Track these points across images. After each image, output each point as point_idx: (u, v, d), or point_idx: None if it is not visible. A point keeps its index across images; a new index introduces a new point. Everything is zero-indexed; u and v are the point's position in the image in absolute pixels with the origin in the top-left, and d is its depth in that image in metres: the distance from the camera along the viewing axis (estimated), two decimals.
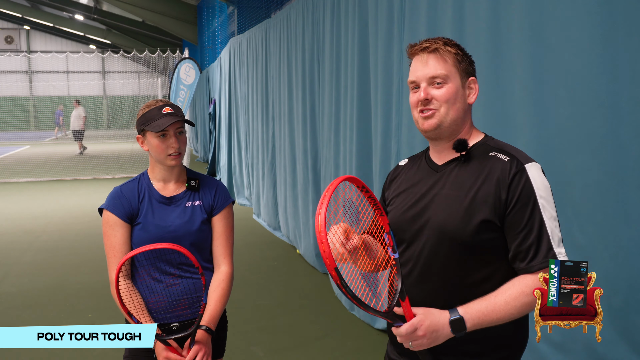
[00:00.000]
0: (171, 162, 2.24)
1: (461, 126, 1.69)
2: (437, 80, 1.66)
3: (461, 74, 1.67)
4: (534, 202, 1.55)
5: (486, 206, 1.58)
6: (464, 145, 1.65)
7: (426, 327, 1.52)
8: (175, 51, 16.48)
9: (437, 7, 3.33)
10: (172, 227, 2.24)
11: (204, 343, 2.15)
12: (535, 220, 1.54)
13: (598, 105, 2.24)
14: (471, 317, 1.53)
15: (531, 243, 1.54)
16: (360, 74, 4.55)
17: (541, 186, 1.57)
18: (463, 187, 1.62)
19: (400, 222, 1.74)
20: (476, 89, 1.69)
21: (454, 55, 1.66)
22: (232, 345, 3.01)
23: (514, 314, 1.54)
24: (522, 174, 1.57)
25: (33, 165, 16.31)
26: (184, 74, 10.99)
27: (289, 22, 6.77)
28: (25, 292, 5.60)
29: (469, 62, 1.69)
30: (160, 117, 2.20)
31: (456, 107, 1.67)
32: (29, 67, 38.28)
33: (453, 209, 1.62)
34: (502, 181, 1.57)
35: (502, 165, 1.59)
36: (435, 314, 1.55)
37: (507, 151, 1.63)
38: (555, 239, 1.55)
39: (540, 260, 1.53)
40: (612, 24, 2.17)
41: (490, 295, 1.56)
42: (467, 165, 1.65)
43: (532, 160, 1.61)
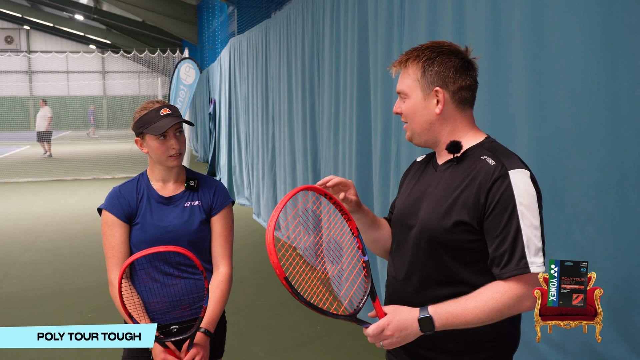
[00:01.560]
0: (172, 162, 2.23)
1: (436, 136, 1.71)
2: (401, 96, 1.74)
3: (423, 86, 1.68)
4: (512, 208, 1.54)
5: (464, 208, 1.60)
6: (456, 147, 1.66)
7: (394, 327, 1.56)
8: (175, 51, 16.48)
9: (437, 7, 3.33)
10: (170, 227, 2.24)
11: (202, 346, 2.14)
12: (512, 226, 1.54)
13: (598, 105, 2.24)
14: (440, 317, 1.55)
15: (505, 249, 1.54)
16: (360, 74, 4.54)
17: (523, 193, 1.55)
18: (449, 188, 1.65)
19: (396, 218, 1.83)
20: (442, 99, 1.67)
21: (418, 68, 1.68)
22: (232, 345, 3.01)
23: (483, 319, 1.55)
24: (504, 179, 1.56)
25: (33, 165, 16.31)
26: (184, 74, 10.99)
27: (289, 22, 6.77)
28: (25, 292, 5.60)
29: (436, 72, 1.67)
30: (159, 119, 2.19)
31: (417, 120, 1.71)
32: (29, 67, 38.28)
33: (436, 208, 1.66)
34: (483, 185, 1.58)
35: (487, 170, 1.59)
36: (404, 313, 1.58)
37: (497, 155, 1.62)
38: (531, 247, 1.53)
39: (512, 267, 1.53)
40: (612, 24, 2.17)
41: (463, 298, 1.57)
42: (459, 167, 1.67)
43: (521, 167, 1.59)
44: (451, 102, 1.69)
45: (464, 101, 1.70)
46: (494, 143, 1.70)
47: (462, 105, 1.70)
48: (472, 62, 1.72)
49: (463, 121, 1.71)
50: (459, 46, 1.73)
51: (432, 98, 1.68)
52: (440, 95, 1.67)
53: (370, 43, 4.33)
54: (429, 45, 1.71)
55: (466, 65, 1.69)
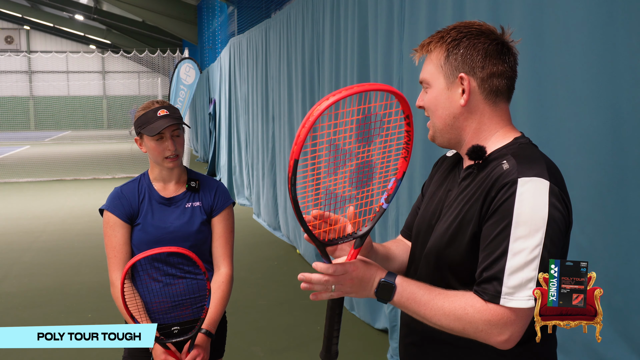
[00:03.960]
0: (168, 164, 2.24)
1: (460, 133, 1.45)
2: (424, 86, 1.48)
3: (446, 73, 1.42)
4: (506, 223, 1.29)
5: (471, 224, 1.37)
6: (478, 153, 1.40)
7: (356, 275, 1.35)
8: (175, 51, 16.49)
9: (437, 7, 3.33)
10: (171, 228, 2.24)
11: (203, 347, 2.15)
12: (500, 245, 1.30)
13: (598, 105, 2.24)
14: (401, 293, 1.36)
15: (485, 267, 1.32)
16: (360, 74, 4.54)
17: (527, 209, 1.27)
18: (463, 204, 1.42)
19: (416, 229, 1.61)
20: (467, 88, 1.40)
21: (441, 52, 1.42)
22: (232, 345, 3.01)
23: (442, 323, 1.34)
24: (510, 187, 1.30)
25: (33, 165, 16.31)
26: (184, 74, 10.98)
27: (289, 22, 6.77)
28: (25, 292, 5.60)
29: (462, 55, 1.40)
30: (156, 119, 2.20)
31: (438, 114, 1.45)
32: (29, 67, 38.29)
33: (447, 228, 1.44)
34: (489, 192, 1.34)
35: (498, 175, 1.34)
36: (372, 268, 1.38)
37: (517, 159, 1.34)
38: (514, 276, 1.27)
39: (484, 289, 1.31)
40: (612, 24, 2.17)
41: (436, 291, 1.37)
42: (479, 176, 1.41)
43: (541, 176, 1.30)
44: (479, 92, 1.41)
45: (495, 91, 1.41)
46: (524, 145, 1.41)
47: (492, 96, 1.41)
48: (508, 46, 1.43)
49: (493, 117, 1.43)
50: (493, 27, 1.44)
51: (456, 87, 1.41)
52: (465, 84, 1.40)
53: (370, 43, 4.33)
54: (455, 26, 1.43)
55: (500, 48, 1.41)
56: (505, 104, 1.45)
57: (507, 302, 1.28)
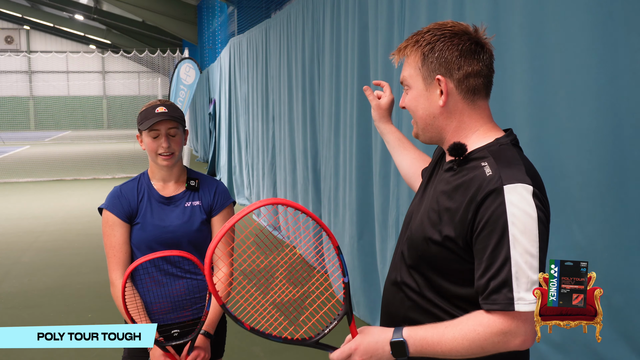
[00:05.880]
0: (162, 162, 2.24)
1: (441, 132, 1.49)
2: (404, 87, 1.54)
3: (424, 75, 1.46)
4: (502, 231, 1.31)
5: (451, 223, 1.40)
6: (458, 151, 1.44)
7: (363, 350, 1.42)
8: (175, 51, 16.49)
9: (437, 7, 3.33)
10: (171, 228, 2.24)
11: (203, 348, 2.15)
12: (500, 253, 1.31)
13: (598, 105, 2.24)
14: (414, 343, 1.39)
15: (489, 279, 1.33)
16: (360, 74, 4.54)
17: (519, 214, 1.30)
18: (442, 196, 1.46)
19: (405, 219, 1.68)
20: (445, 89, 1.44)
21: (417, 56, 1.47)
22: (232, 345, 3.01)
23: (461, 352, 1.35)
24: (497, 195, 1.32)
25: (33, 165, 16.31)
26: (184, 74, 10.99)
27: (289, 22, 6.77)
28: (25, 292, 5.60)
29: (437, 58, 1.44)
30: (153, 116, 2.21)
31: (419, 114, 1.50)
32: (29, 67, 38.30)
33: (423, 217, 1.50)
34: (473, 198, 1.36)
35: (481, 180, 1.36)
36: (375, 335, 1.43)
37: (498, 163, 1.38)
38: (521, 280, 1.30)
39: (494, 301, 1.33)
40: (612, 23, 2.17)
41: (442, 325, 1.39)
42: (458, 172, 1.46)
43: (522, 181, 1.34)
44: (457, 93, 1.45)
45: (472, 91, 1.45)
46: (503, 146, 1.44)
47: (470, 95, 1.45)
48: (483, 44, 1.46)
49: (472, 115, 1.47)
50: (467, 25, 1.48)
51: (434, 88, 1.46)
52: (443, 85, 1.44)
53: (371, 43, 4.33)
54: (430, 28, 1.48)
55: (474, 47, 1.44)
56: (484, 101, 1.49)
57: (522, 307, 1.31)
